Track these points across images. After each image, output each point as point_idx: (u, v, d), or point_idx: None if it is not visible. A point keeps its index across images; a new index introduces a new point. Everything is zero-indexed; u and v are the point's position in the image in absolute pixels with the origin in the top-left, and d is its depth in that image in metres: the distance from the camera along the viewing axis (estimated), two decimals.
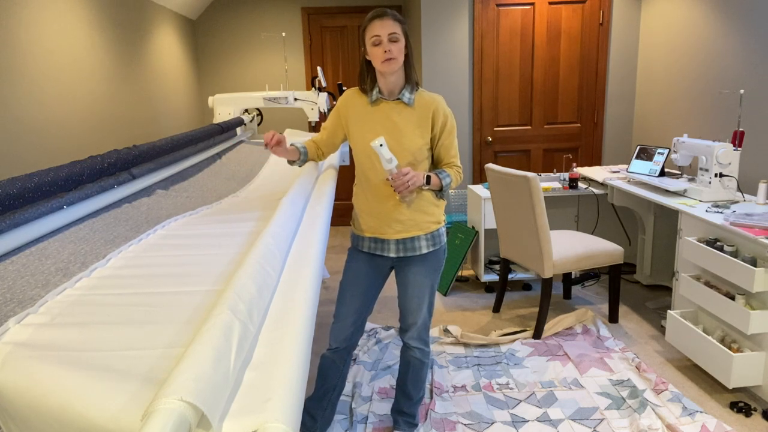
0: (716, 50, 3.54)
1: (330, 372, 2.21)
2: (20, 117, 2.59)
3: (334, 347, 2.18)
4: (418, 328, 2.18)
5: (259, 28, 5.47)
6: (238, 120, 3.63)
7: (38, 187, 1.42)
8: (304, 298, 1.06)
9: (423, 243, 2.10)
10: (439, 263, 2.16)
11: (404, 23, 1.95)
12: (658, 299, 3.66)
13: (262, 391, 0.78)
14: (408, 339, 2.20)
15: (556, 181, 4.01)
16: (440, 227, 2.14)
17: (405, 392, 2.27)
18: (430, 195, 2.08)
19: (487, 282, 3.99)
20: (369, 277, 2.17)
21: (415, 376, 2.24)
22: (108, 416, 0.75)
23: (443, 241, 2.16)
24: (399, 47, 1.91)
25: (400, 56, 1.93)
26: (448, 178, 2.07)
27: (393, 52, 1.90)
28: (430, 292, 2.16)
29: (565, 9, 4.37)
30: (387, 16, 1.91)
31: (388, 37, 1.89)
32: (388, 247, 2.12)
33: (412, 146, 1.99)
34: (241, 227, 1.69)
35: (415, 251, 2.10)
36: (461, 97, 4.44)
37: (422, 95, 2.03)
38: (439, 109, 2.03)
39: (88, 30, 3.27)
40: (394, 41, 1.90)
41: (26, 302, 1.11)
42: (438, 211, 2.12)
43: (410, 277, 2.13)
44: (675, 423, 2.32)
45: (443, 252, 2.17)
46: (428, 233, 2.10)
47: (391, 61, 1.91)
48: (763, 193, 2.82)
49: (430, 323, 2.22)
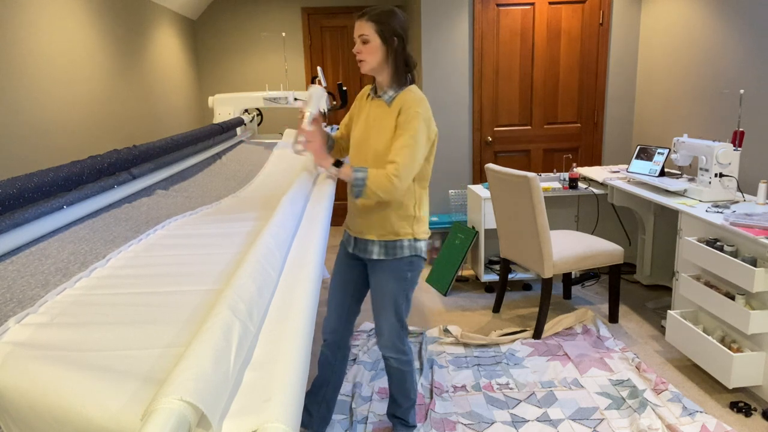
0: (716, 50, 3.54)
1: (323, 365, 2.24)
2: (20, 117, 2.59)
3: (323, 339, 2.23)
4: (389, 338, 2.12)
5: (259, 28, 5.47)
6: (238, 120, 3.63)
7: (38, 187, 1.42)
8: (304, 298, 1.06)
9: (375, 249, 2.05)
10: (401, 274, 2.05)
11: (383, 23, 1.88)
12: (658, 299, 3.66)
13: (262, 391, 0.78)
14: (381, 347, 2.17)
15: (556, 181, 4.01)
16: (400, 240, 2.02)
17: (393, 398, 2.28)
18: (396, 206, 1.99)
19: (487, 282, 3.99)
20: (346, 271, 2.19)
21: (399, 384, 2.23)
22: (108, 416, 0.75)
23: (404, 254, 2.03)
24: (369, 48, 1.89)
25: (370, 57, 1.90)
26: (361, 174, 1.86)
27: (362, 54, 1.90)
28: (393, 301, 2.07)
29: (565, 9, 4.37)
30: (360, 18, 1.90)
31: (359, 38, 1.90)
32: (350, 242, 2.15)
33: (377, 145, 1.95)
34: (241, 227, 1.69)
35: (367, 254, 2.07)
36: (461, 97, 4.44)
37: (402, 94, 1.94)
38: (403, 105, 1.92)
39: (89, 30, 3.27)
40: (365, 42, 1.89)
41: (26, 302, 1.11)
42: (400, 223, 2.01)
43: (372, 281, 2.11)
44: (675, 423, 2.32)
45: (407, 265, 2.05)
46: (383, 241, 2.03)
47: (361, 63, 1.92)
48: (763, 193, 2.82)
49: (405, 333, 2.15)
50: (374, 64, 1.92)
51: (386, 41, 1.90)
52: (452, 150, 4.52)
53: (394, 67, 1.94)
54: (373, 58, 1.91)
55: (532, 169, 4.66)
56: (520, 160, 4.65)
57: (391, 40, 1.90)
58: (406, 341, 2.17)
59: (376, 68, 1.93)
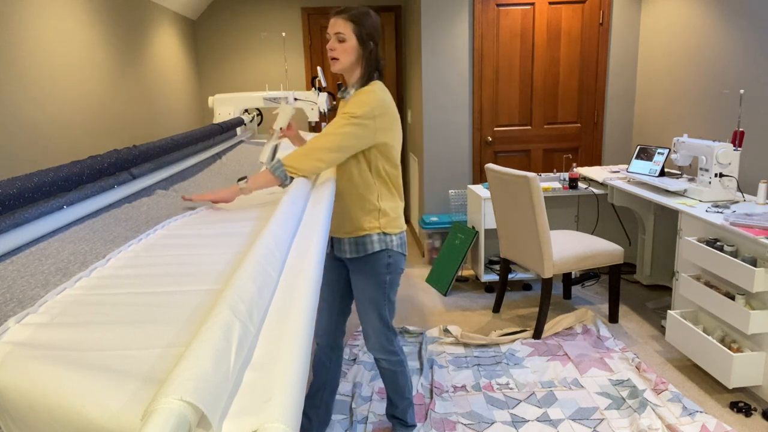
0: (716, 50, 3.54)
1: (318, 369, 2.24)
2: (20, 117, 2.59)
3: (316, 342, 2.24)
4: (377, 340, 2.12)
5: (259, 28, 5.47)
6: (238, 120, 3.63)
7: (38, 187, 1.42)
8: (304, 299, 1.06)
9: (346, 247, 2.04)
10: (377, 276, 2.03)
11: (361, 24, 1.87)
12: (658, 299, 3.66)
13: (262, 392, 0.78)
14: (369, 349, 2.17)
15: (556, 181, 4.01)
16: (366, 234, 2.00)
17: (389, 398, 2.29)
18: (354, 199, 1.97)
19: (487, 282, 3.99)
20: (330, 273, 2.19)
21: (392, 384, 2.23)
22: (108, 416, 0.75)
23: (373, 249, 2.00)
24: (344, 47, 1.87)
25: (344, 56, 1.88)
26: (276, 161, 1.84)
27: (335, 51, 1.88)
28: (374, 304, 2.06)
29: (565, 9, 4.37)
30: (338, 16, 1.88)
31: (335, 36, 1.88)
32: (330, 243, 2.14)
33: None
34: (241, 227, 1.69)
35: (342, 253, 2.06)
36: (461, 97, 4.44)
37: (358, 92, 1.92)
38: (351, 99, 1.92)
39: (89, 30, 3.26)
40: (341, 41, 1.87)
41: (26, 302, 1.11)
42: (366, 218, 1.98)
43: (353, 283, 2.10)
44: (675, 423, 2.32)
45: (380, 264, 2.02)
46: (352, 237, 2.02)
47: (334, 62, 1.90)
48: (763, 193, 2.82)
49: (392, 333, 2.13)
50: (347, 64, 1.91)
51: (363, 43, 1.89)
52: (452, 150, 4.52)
53: (366, 68, 1.93)
54: (347, 58, 1.89)
55: (532, 169, 4.66)
56: (520, 160, 4.65)
57: (368, 42, 1.90)
58: (395, 341, 2.15)
59: (347, 68, 1.92)
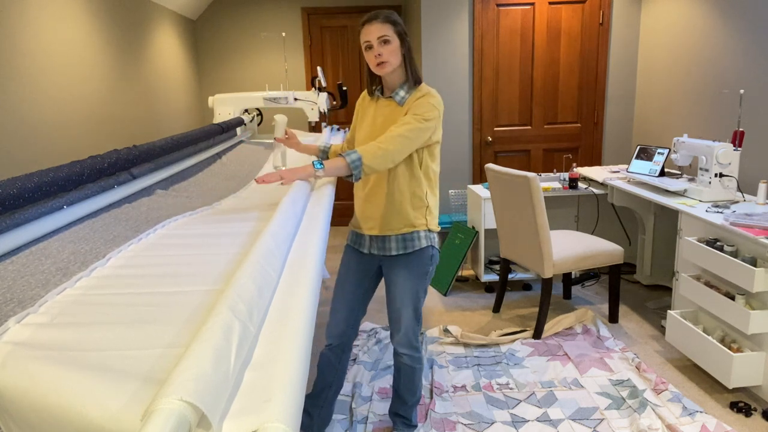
0: (716, 50, 3.54)
1: (326, 369, 2.23)
2: (20, 117, 2.59)
3: (328, 343, 2.21)
4: (405, 334, 2.13)
5: (259, 28, 5.47)
6: (238, 120, 3.63)
7: (38, 187, 1.42)
8: (304, 298, 1.06)
9: (393, 244, 2.05)
10: (421, 268, 2.07)
11: (398, 23, 1.91)
12: (658, 299, 3.66)
13: (262, 392, 0.78)
14: (396, 344, 2.17)
15: (556, 181, 4.01)
16: (415, 231, 2.04)
17: (399, 396, 2.28)
18: (406, 196, 2.00)
19: (487, 282, 3.99)
20: (357, 272, 2.17)
21: (407, 381, 2.23)
22: (108, 416, 0.75)
23: (420, 246, 2.04)
24: (390, 49, 1.89)
25: (392, 57, 1.90)
26: (355, 155, 1.82)
27: (384, 55, 1.89)
28: (413, 297, 2.08)
29: (565, 9, 4.37)
30: (376, 20, 1.88)
31: (378, 40, 1.88)
32: (364, 243, 2.13)
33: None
34: (241, 227, 1.69)
35: (386, 251, 2.07)
36: (461, 97, 4.44)
37: (415, 93, 1.96)
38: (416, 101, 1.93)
39: (89, 30, 3.26)
40: (386, 43, 1.88)
41: (26, 302, 1.11)
42: (415, 214, 2.03)
43: (390, 278, 2.11)
44: (675, 423, 2.32)
45: (425, 258, 2.07)
46: (399, 235, 2.03)
47: (384, 65, 1.90)
48: (763, 193, 2.82)
49: (419, 329, 2.16)
50: (396, 65, 1.93)
51: (403, 41, 1.92)
52: (452, 150, 4.52)
53: (410, 66, 1.95)
54: (396, 59, 1.91)
55: (532, 169, 4.66)
56: (520, 160, 4.65)
57: (406, 40, 1.93)
58: (419, 338, 2.18)
59: (397, 69, 1.94)
